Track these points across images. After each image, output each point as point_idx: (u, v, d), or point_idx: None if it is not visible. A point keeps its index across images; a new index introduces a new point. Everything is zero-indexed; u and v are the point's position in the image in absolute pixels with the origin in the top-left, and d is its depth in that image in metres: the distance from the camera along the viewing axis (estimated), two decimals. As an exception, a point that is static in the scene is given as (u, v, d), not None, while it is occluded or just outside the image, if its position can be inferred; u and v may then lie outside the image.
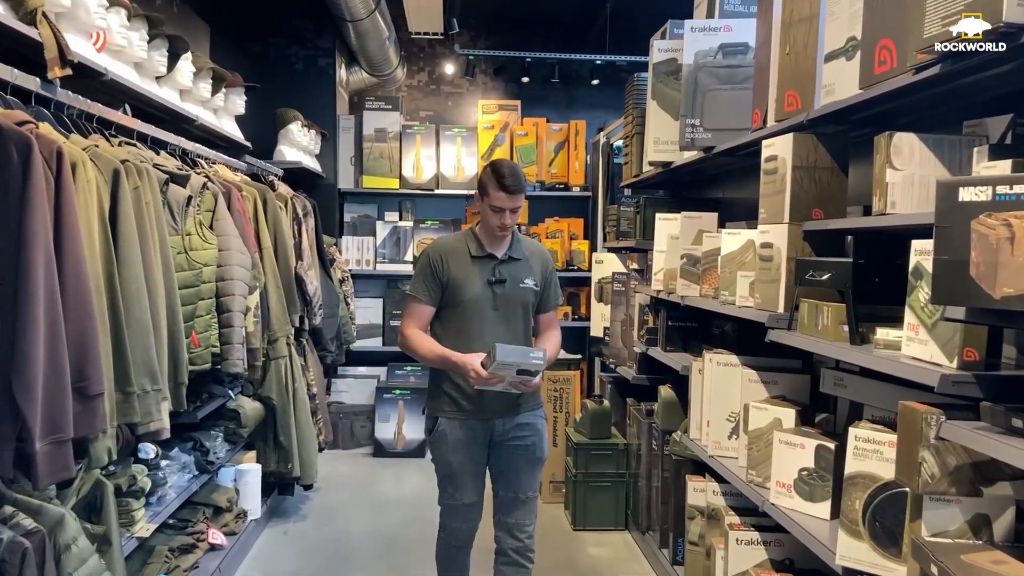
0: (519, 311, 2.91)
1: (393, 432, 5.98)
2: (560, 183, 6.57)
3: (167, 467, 3.26)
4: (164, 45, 3.37)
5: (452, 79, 7.54)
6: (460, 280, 2.84)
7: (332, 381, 6.24)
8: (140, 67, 3.25)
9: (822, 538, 2.20)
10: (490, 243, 2.90)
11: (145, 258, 2.48)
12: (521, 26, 7.38)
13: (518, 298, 2.89)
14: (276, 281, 4.01)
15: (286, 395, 4.20)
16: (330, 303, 5.09)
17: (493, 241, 2.90)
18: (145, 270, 2.47)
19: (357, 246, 6.38)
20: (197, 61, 3.79)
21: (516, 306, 2.90)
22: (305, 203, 4.94)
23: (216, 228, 3.25)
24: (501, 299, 2.86)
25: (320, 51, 6.28)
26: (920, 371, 1.72)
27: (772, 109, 2.69)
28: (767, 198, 2.59)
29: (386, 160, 6.40)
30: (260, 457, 4.31)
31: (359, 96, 7.02)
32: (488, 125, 6.47)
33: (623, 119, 4.84)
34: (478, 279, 2.85)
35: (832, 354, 2.17)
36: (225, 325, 3.22)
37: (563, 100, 7.44)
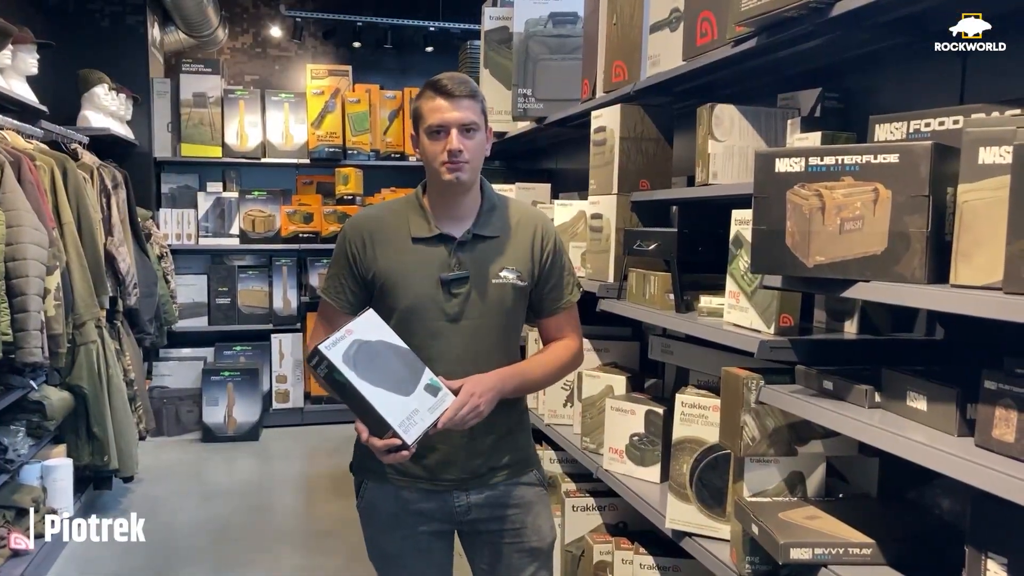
0: (495, 320, 1.88)
1: (223, 415, 5.68)
2: (396, 152, 6.42)
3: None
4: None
5: (279, 42, 7.18)
6: (393, 275, 1.85)
7: (153, 365, 5.86)
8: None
9: (653, 502, 2.25)
10: (443, 213, 1.87)
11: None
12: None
13: (491, 301, 1.86)
14: (80, 260, 3.66)
15: (98, 383, 3.87)
16: (147, 281, 4.72)
17: (447, 209, 1.87)
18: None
19: (177, 219, 5.97)
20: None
21: (489, 313, 1.87)
22: (115, 173, 4.54)
23: (4, 202, 2.90)
24: (462, 305, 1.84)
25: (128, 7, 5.77)
26: (740, 337, 1.77)
27: (600, 80, 2.70)
28: (597, 169, 2.60)
29: (207, 127, 6.01)
30: (71, 450, 3.96)
31: (177, 58, 6.53)
32: (318, 91, 6.20)
33: (457, 88, 4.75)
34: (423, 274, 1.84)
35: (659, 322, 2.21)
36: (19, 310, 2.90)
37: (397, 67, 7.26)
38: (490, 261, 1.87)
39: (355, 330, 1.70)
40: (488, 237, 1.88)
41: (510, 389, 1.85)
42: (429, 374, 1.74)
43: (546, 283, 1.95)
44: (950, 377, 1.33)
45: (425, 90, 1.82)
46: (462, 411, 1.71)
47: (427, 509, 1.92)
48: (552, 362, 1.98)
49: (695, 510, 2.01)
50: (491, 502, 1.93)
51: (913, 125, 1.51)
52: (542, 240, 1.93)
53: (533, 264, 1.92)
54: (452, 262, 1.84)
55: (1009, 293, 1.10)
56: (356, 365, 1.63)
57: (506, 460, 1.95)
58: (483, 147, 1.85)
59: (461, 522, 1.95)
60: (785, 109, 2.09)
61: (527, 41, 3.29)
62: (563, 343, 2.00)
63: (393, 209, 1.93)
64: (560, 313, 1.99)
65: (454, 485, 1.91)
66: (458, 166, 1.78)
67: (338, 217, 6.13)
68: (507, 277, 1.88)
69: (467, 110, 1.79)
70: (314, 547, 3.27)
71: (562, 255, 1.98)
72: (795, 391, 1.61)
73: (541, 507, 2.00)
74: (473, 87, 1.82)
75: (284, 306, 6.19)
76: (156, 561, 3.74)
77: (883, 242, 1.34)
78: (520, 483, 1.97)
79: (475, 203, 1.90)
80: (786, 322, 1.71)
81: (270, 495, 4.76)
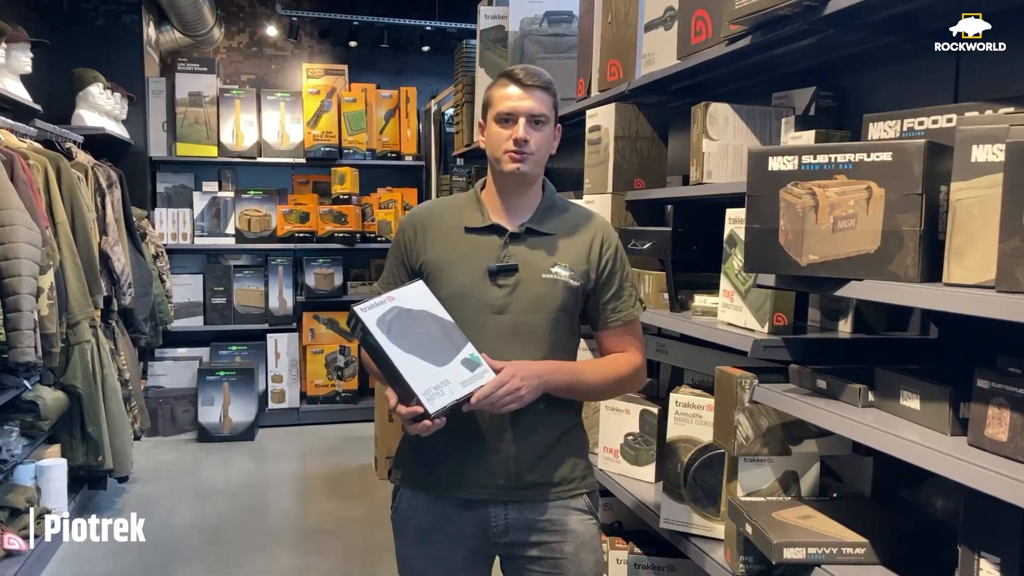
0: (542, 318, 1.75)
1: (219, 415, 5.67)
2: (392, 151, 6.41)
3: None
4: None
5: (275, 41, 7.17)
6: (441, 264, 1.78)
7: (149, 364, 5.84)
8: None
9: (648, 501, 2.25)
10: (500, 205, 1.80)
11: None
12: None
13: (539, 296, 1.75)
14: (74, 259, 3.65)
15: (93, 382, 3.86)
16: (142, 281, 4.71)
17: (505, 201, 1.80)
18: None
19: (172, 219, 5.95)
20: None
21: (536, 309, 1.75)
22: (109, 172, 4.52)
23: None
24: (508, 297, 1.74)
25: (124, 5, 5.74)
26: (734, 336, 1.77)
27: (595, 79, 2.69)
28: (592, 168, 2.59)
29: (202, 126, 5.99)
30: (66, 450, 3.95)
31: (173, 57, 6.51)
32: (314, 90, 6.18)
33: (453, 87, 4.75)
34: (471, 263, 1.76)
35: (653, 321, 2.21)
36: (11, 309, 2.89)
37: (393, 66, 7.26)
38: (542, 256, 1.77)
39: (397, 297, 1.66)
40: (543, 233, 1.79)
41: (558, 384, 1.71)
42: (471, 349, 1.64)
43: (605, 291, 1.80)
44: (943, 376, 1.33)
45: (499, 78, 1.78)
46: (500, 390, 1.59)
47: (462, 527, 1.77)
48: (610, 370, 1.80)
49: (689, 509, 2.01)
50: (530, 525, 1.76)
51: (907, 123, 1.51)
52: (602, 244, 1.81)
53: (589, 267, 1.78)
54: (502, 253, 1.76)
55: (1002, 292, 1.10)
56: (390, 330, 1.59)
57: (554, 477, 1.77)
58: (550, 141, 1.78)
59: (498, 544, 1.78)
60: (780, 108, 2.09)
61: (522, 40, 3.29)
62: (625, 355, 1.83)
63: (450, 202, 1.90)
64: (620, 326, 1.82)
65: (493, 496, 1.75)
66: (522, 157, 1.72)
67: (334, 216, 6.12)
68: (559, 274, 1.76)
69: (538, 101, 1.73)
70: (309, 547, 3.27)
71: (625, 264, 1.85)
72: (789, 390, 1.61)
73: (588, 539, 1.80)
74: (547, 79, 1.76)
75: (280, 306, 6.18)
76: (151, 561, 3.73)
77: (876, 241, 1.34)
78: (569, 508, 1.78)
79: (535, 199, 1.82)
80: (780, 321, 1.71)
81: (265, 495, 4.75)
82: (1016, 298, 1.07)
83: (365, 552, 3.82)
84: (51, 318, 3.21)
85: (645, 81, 2.34)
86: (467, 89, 4.28)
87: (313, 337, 6.22)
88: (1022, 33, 1.50)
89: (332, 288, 6.23)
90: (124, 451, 4.12)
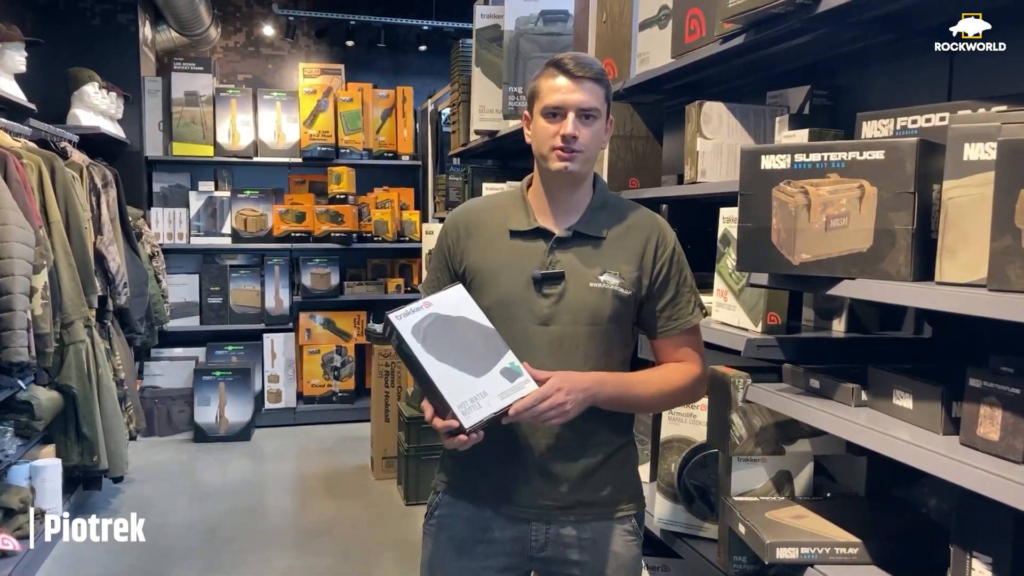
0: (591, 329, 1.64)
1: (215, 415, 5.66)
2: (389, 151, 6.40)
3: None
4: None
5: (272, 41, 7.16)
6: (483, 270, 1.68)
7: (144, 364, 5.83)
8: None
9: (642, 501, 2.24)
10: (547, 206, 1.69)
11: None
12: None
13: (587, 307, 1.63)
14: (68, 259, 3.63)
15: (88, 382, 3.85)
16: (138, 281, 4.70)
17: (552, 202, 1.69)
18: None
19: (168, 218, 5.94)
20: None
21: (583, 320, 1.64)
22: (105, 172, 4.51)
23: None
24: (554, 307, 1.64)
25: (119, 5, 5.72)
26: (728, 336, 1.77)
27: (591, 77, 2.68)
28: (587, 167, 2.58)
29: (198, 126, 5.98)
30: (60, 451, 3.93)
31: (169, 57, 6.49)
32: (310, 90, 6.17)
33: (450, 87, 4.74)
34: (515, 270, 1.66)
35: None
36: (4, 309, 2.88)
37: (390, 66, 7.25)
38: (591, 263, 1.65)
39: (435, 303, 1.57)
40: (592, 236, 1.66)
41: (606, 397, 1.59)
42: (511, 357, 1.54)
43: (660, 297, 1.68)
44: (936, 375, 1.32)
45: (547, 68, 1.64)
46: (543, 404, 1.48)
47: (500, 538, 1.69)
48: (664, 382, 1.67)
49: (683, 509, 2.01)
50: (570, 541, 1.67)
51: (900, 122, 1.50)
52: (656, 247, 1.68)
53: (642, 273, 1.66)
54: (548, 259, 1.64)
55: (994, 290, 1.09)
56: (425, 338, 1.51)
57: (601, 496, 1.68)
58: (601, 137, 1.65)
59: (534, 558, 1.70)
60: (774, 107, 2.09)
61: (518, 39, 3.28)
62: (682, 366, 1.70)
63: (495, 201, 1.77)
64: (677, 335, 1.70)
65: (538, 515, 1.67)
66: (571, 155, 1.59)
67: (330, 216, 6.12)
68: (608, 282, 1.63)
69: (589, 93, 1.59)
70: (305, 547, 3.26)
71: (683, 268, 1.71)
72: (782, 390, 1.60)
73: (628, 561, 1.70)
74: (599, 69, 1.63)
75: (276, 306, 6.16)
76: (146, 562, 3.72)
77: (869, 239, 1.33)
78: (614, 528, 1.69)
79: (584, 199, 1.69)
80: (773, 320, 1.70)
81: (262, 495, 4.74)
82: (1008, 297, 1.07)
83: (362, 552, 3.81)
84: (45, 318, 3.20)
85: (640, 80, 2.33)
86: (463, 88, 4.27)
87: (309, 337, 6.22)
88: (1017, 32, 1.50)
89: (328, 288, 6.22)
90: (119, 451, 4.11)
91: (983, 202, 1.13)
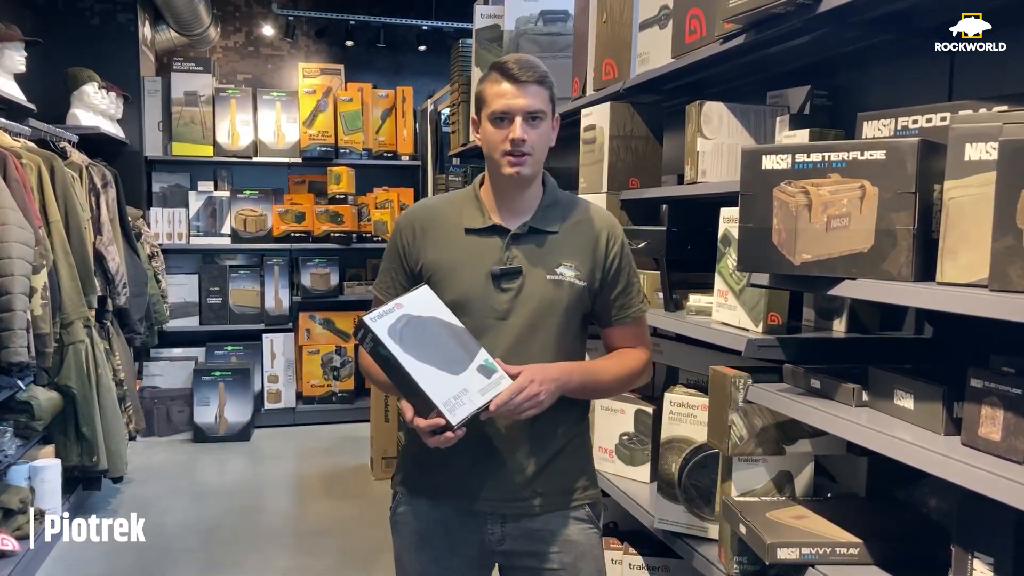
0: (548, 320, 1.70)
1: (214, 416, 5.65)
2: (388, 151, 6.40)
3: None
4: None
5: (271, 41, 7.16)
6: (441, 267, 1.71)
7: (144, 364, 5.83)
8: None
9: (642, 501, 2.24)
10: (500, 205, 1.74)
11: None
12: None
13: (545, 299, 1.69)
14: (68, 258, 3.63)
15: (87, 383, 3.85)
16: (137, 281, 4.70)
17: (505, 201, 1.73)
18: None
19: (168, 218, 5.93)
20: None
21: (542, 313, 1.69)
22: (104, 172, 4.51)
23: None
24: (512, 301, 1.68)
25: (119, 5, 5.72)
26: (729, 336, 1.76)
27: (591, 78, 2.69)
28: (587, 167, 2.59)
29: (198, 126, 5.98)
30: (60, 451, 3.93)
31: (168, 57, 6.49)
32: (310, 90, 6.17)
33: (449, 87, 4.74)
34: (473, 267, 1.70)
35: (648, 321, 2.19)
36: (4, 309, 2.88)
37: (390, 66, 7.25)
38: (546, 256, 1.70)
39: (406, 304, 1.60)
40: (546, 232, 1.72)
41: (574, 386, 1.66)
42: (484, 354, 1.59)
43: (612, 289, 1.75)
44: (937, 375, 1.32)
45: (491, 72, 1.68)
46: (519, 396, 1.54)
47: (459, 535, 1.74)
48: (622, 368, 1.77)
49: (683, 509, 2.00)
50: (529, 534, 1.72)
51: (901, 122, 1.50)
52: (608, 241, 1.75)
53: (595, 265, 1.73)
54: (505, 255, 1.69)
55: (995, 290, 1.09)
56: (402, 340, 1.52)
57: (557, 488, 1.73)
58: (548, 137, 1.70)
59: (495, 552, 1.75)
60: (774, 107, 2.09)
61: (518, 39, 3.28)
62: (634, 351, 1.80)
63: (448, 200, 1.81)
64: (628, 324, 1.79)
65: (493, 508, 1.71)
66: (520, 159, 1.64)
67: (330, 216, 6.12)
68: (564, 274, 1.70)
69: (534, 96, 1.64)
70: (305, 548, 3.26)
71: (631, 261, 1.80)
72: (783, 390, 1.60)
73: (587, 548, 1.75)
74: (542, 72, 1.67)
75: (276, 306, 6.16)
76: (146, 562, 3.71)
77: (870, 239, 1.33)
78: (569, 518, 1.74)
79: (536, 197, 1.75)
80: (774, 320, 1.70)
81: (261, 496, 4.73)
82: (1009, 297, 1.06)
83: (361, 552, 3.81)
84: (44, 318, 3.20)
85: (640, 80, 2.33)
86: (463, 88, 4.28)
87: (309, 337, 6.21)
88: (1017, 32, 1.50)
89: (328, 288, 6.22)
90: (118, 451, 4.11)
91: (984, 202, 1.13)
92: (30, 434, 3.63)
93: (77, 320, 3.74)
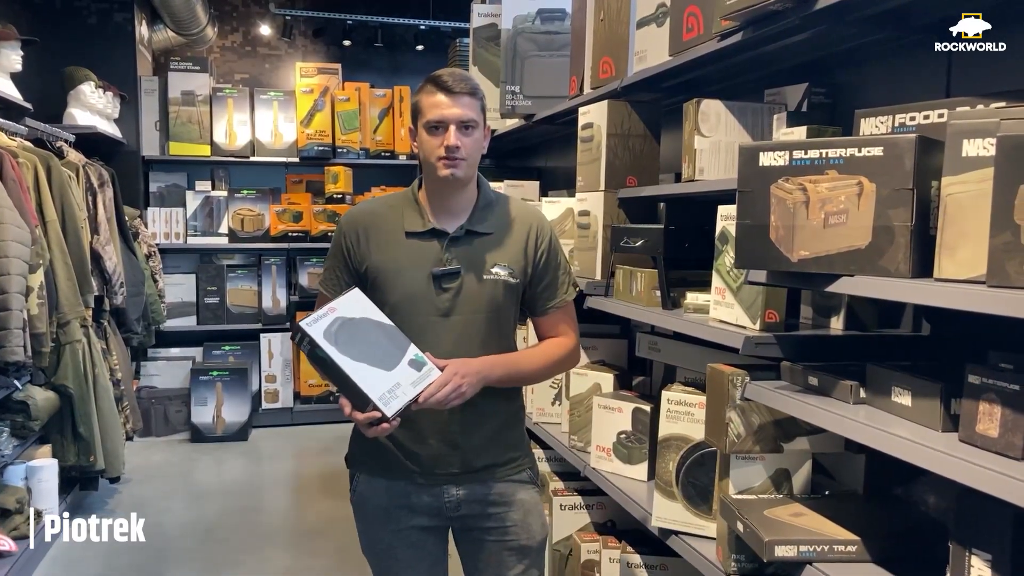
0: (486, 316, 1.86)
1: (212, 415, 5.65)
2: (386, 151, 6.40)
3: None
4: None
5: (269, 41, 7.15)
6: (385, 269, 1.85)
7: (141, 364, 5.82)
8: None
9: (640, 500, 2.24)
10: (438, 208, 1.87)
11: None
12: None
13: (482, 297, 1.85)
14: (64, 258, 3.62)
15: (84, 382, 3.84)
16: (134, 280, 4.69)
17: (443, 204, 1.87)
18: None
19: (165, 218, 5.93)
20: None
21: (480, 309, 1.85)
22: (101, 171, 4.50)
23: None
24: (453, 300, 1.83)
25: (116, 4, 5.71)
26: (726, 334, 1.76)
27: (588, 76, 2.68)
28: (584, 166, 2.58)
29: (195, 125, 5.97)
30: (57, 451, 3.93)
31: (165, 56, 6.48)
32: (307, 89, 6.16)
33: (446, 85, 4.73)
34: (415, 269, 1.84)
35: (645, 319, 2.20)
36: (0, 308, 2.86)
37: (387, 65, 7.24)
38: (483, 257, 1.86)
39: (338, 308, 1.72)
40: (482, 233, 1.88)
41: (496, 377, 1.83)
42: (414, 350, 1.73)
43: (540, 281, 1.93)
44: (935, 372, 1.32)
45: (426, 84, 1.82)
46: (444, 389, 1.70)
47: (418, 503, 1.91)
48: (543, 356, 1.95)
49: (681, 508, 2.00)
50: (481, 499, 1.92)
51: (898, 119, 1.50)
52: (536, 238, 1.91)
53: (526, 262, 1.90)
54: (445, 257, 1.84)
55: (993, 286, 1.09)
56: (337, 341, 1.65)
57: (499, 456, 1.93)
58: (480, 144, 1.85)
59: (451, 518, 1.93)
60: (772, 104, 2.08)
61: (515, 38, 3.27)
62: (557, 340, 1.97)
63: (389, 203, 1.94)
64: (554, 312, 1.96)
65: (447, 479, 1.90)
66: (455, 163, 1.78)
67: (327, 216, 6.11)
68: (499, 274, 1.86)
69: (466, 107, 1.79)
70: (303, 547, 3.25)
71: (558, 254, 1.96)
72: (780, 387, 1.60)
73: (532, 505, 1.98)
74: (473, 85, 1.82)
75: (273, 305, 6.16)
76: (143, 562, 3.71)
77: (867, 236, 1.33)
78: (512, 481, 1.95)
79: (471, 199, 1.90)
80: (771, 318, 1.70)
81: (259, 495, 4.73)
82: (1007, 293, 1.06)
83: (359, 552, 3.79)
84: (41, 317, 3.19)
85: (637, 78, 2.33)
86: (460, 87, 4.27)
87: (307, 337, 6.19)
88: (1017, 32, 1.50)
89: (326, 288, 6.20)
90: (116, 451, 4.10)
91: (982, 198, 1.13)
92: (27, 434, 3.62)
93: (74, 320, 3.73)
